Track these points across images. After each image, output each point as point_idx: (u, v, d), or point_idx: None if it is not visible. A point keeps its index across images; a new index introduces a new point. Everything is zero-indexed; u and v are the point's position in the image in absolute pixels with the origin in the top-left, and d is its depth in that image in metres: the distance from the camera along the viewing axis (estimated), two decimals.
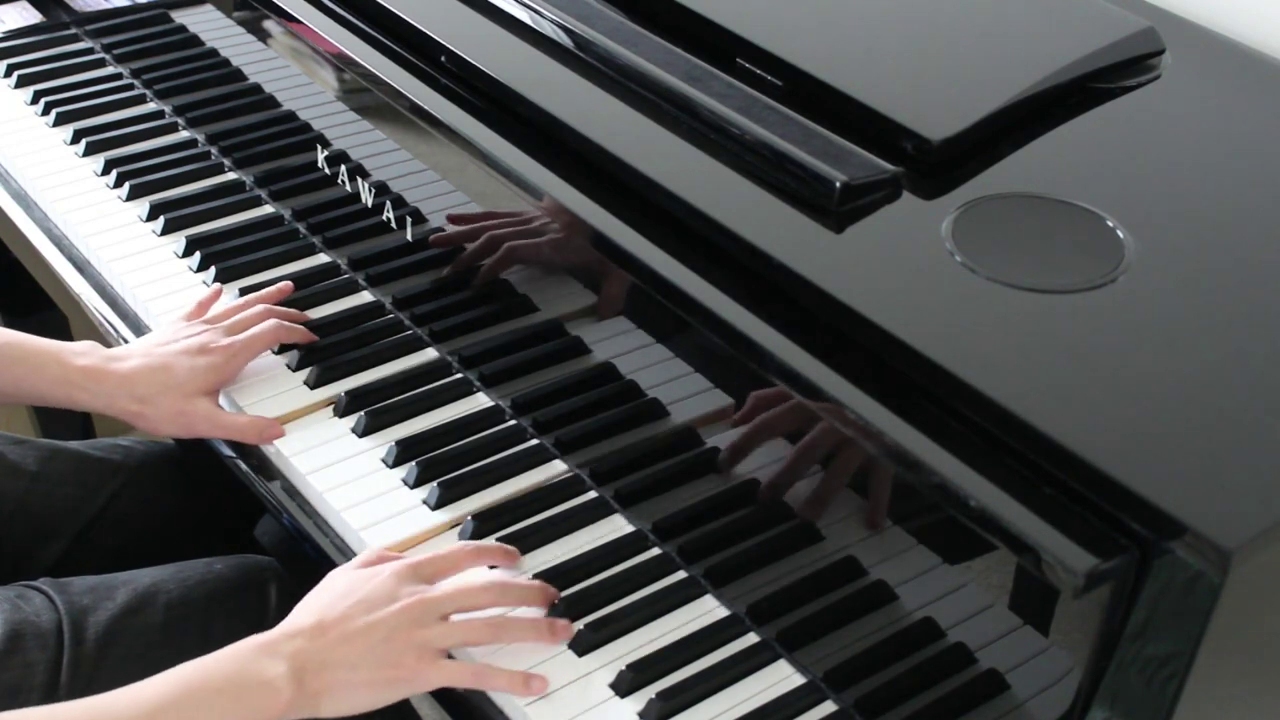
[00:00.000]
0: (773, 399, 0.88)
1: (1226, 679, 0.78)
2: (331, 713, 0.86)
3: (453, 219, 1.10)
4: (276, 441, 1.07)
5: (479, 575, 0.96)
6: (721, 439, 0.95)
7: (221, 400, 1.12)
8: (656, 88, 1.00)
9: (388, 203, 1.16)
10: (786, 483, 0.91)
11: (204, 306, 1.16)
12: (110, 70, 1.51)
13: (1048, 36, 1.01)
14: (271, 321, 1.13)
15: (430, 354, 1.16)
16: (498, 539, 0.99)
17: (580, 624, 0.94)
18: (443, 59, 1.10)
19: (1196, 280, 0.86)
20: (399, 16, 1.13)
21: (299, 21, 1.20)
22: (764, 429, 0.90)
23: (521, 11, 1.10)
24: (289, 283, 1.19)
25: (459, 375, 1.13)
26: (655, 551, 1.00)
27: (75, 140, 1.40)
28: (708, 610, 0.96)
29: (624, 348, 1.00)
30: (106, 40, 1.52)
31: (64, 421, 1.82)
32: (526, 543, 1.00)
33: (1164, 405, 0.77)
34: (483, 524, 1.00)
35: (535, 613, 0.94)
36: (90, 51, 1.53)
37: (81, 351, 1.07)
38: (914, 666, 0.86)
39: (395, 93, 1.10)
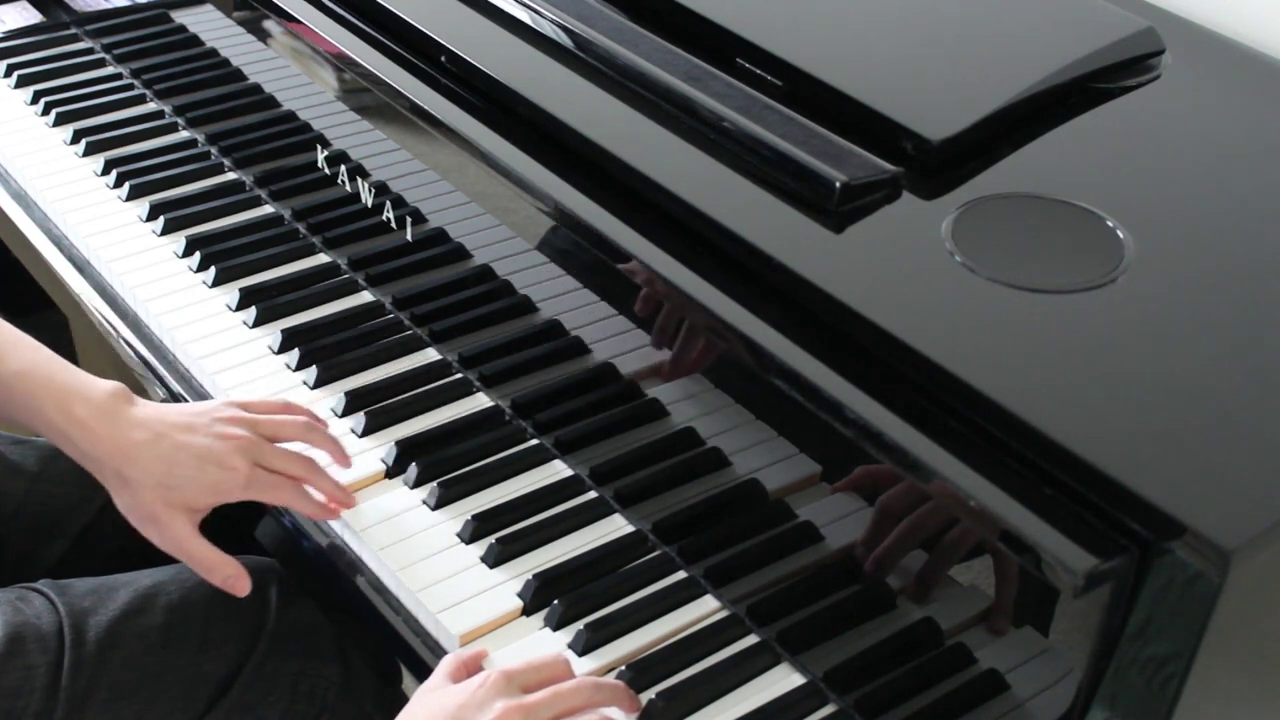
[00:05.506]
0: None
1: (1226, 679, 0.78)
2: None
3: None
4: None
5: (558, 658, 0.89)
6: (722, 438, 0.95)
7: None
8: (656, 88, 1.00)
9: (388, 203, 1.16)
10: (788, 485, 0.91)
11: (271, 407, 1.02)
12: (110, 70, 1.51)
13: (1048, 36, 1.01)
14: (312, 498, 1.01)
15: (430, 354, 1.16)
16: (498, 539, 0.99)
17: (580, 624, 0.94)
18: (443, 59, 1.10)
19: (1196, 280, 0.86)
20: (399, 16, 1.13)
21: (299, 21, 1.20)
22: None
23: (521, 11, 1.10)
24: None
25: (459, 375, 1.13)
26: (655, 552, 1.00)
27: (75, 140, 1.40)
28: (708, 610, 0.96)
29: (624, 348, 1.00)
30: (106, 40, 1.52)
31: None
32: (526, 542, 1.00)
33: (1164, 405, 0.77)
34: (482, 524, 1.00)
35: (618, 713, 0.89)
36: (90, 51, 1.53)
37: (91, 399, 0.97)
38: (914, 667, 0.86)
39: (395, 93, 1.10)
